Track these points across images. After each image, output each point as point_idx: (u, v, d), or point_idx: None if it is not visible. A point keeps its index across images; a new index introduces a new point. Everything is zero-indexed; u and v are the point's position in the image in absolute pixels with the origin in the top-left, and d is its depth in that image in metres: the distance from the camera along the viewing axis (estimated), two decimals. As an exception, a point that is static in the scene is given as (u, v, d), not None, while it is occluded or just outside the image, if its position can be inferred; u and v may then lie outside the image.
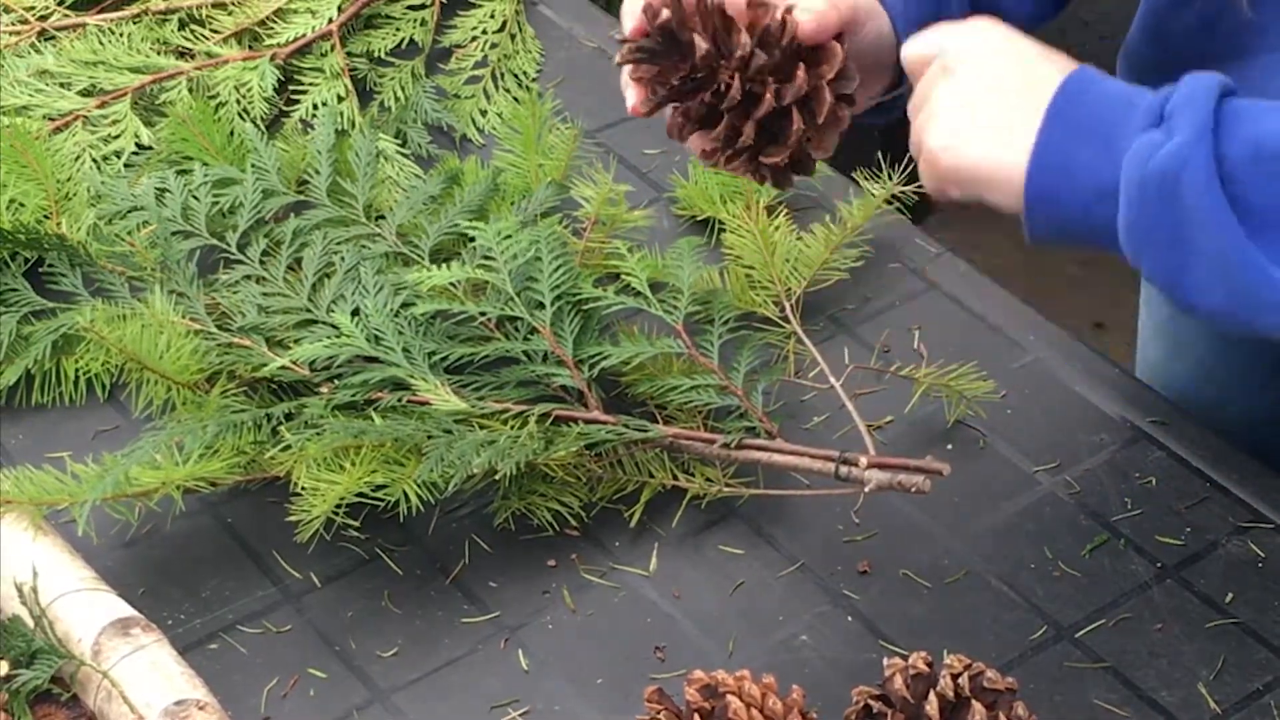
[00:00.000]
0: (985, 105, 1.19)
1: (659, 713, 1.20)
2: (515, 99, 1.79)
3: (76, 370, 1.51)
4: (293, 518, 1.36)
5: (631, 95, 1.30)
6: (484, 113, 1.79)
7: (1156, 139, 1.13)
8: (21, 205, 1.61)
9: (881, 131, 2.18)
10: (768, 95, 1.25)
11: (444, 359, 1.46)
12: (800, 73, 1.25)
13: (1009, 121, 1.18)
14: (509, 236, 1.51)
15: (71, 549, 1.35)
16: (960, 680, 1.19)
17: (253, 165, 1.63)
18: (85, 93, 1.74)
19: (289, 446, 1.39)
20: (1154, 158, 1.12)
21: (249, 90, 1.74)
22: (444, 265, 1.51)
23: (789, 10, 1.25)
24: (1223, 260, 1.11)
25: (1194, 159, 1.10)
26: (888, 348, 1.55)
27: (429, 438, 1.37)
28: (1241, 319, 1.15)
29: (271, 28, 1.81)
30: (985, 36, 1.23)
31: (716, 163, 1.29)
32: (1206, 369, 1.65)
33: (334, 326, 1.47)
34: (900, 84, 1.40)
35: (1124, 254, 1.16)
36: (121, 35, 1.80)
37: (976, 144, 1.19)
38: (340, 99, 1.76)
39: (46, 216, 1.61)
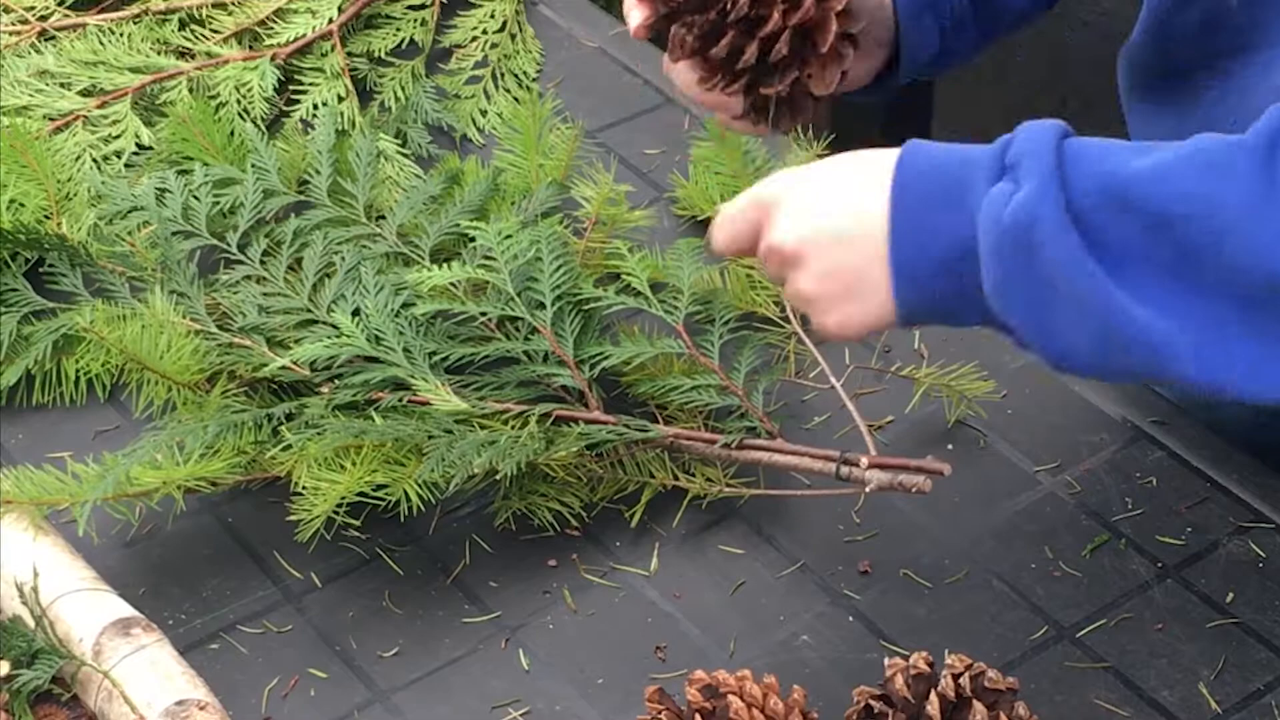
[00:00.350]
0: (841, 272, 1.18)
1: (660, 713, 1.20)
2: (515, 99, 1.80)
3: (77, 370, 1.51)
4: (293, 517, 1.36)
5: (635, 15, 1.29)
6: (484, 113, 1.79)
7: (1005, 191, 1.12)
8: (22, 205, 1.61)
9: (882, 131, 2.20)
10: (774, 14, 1.24)
11: (444, 359, 1.46)
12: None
13: (864, 277, 1.18)
14: (509, 236, 1.51)
15: (72, 549, 1.35)
16: (961, 680, 1.19)
17: (253, 165, 1.63)
18: (85, 93, 1.74)
19: (290, 446, 1.39)
20: (1005, 211, 1.11)
21: (249, 90, 1.74)
22: (444, 265, 1.51)
23: None
24: (1084, 305, 1.11)
25: (1044, 206, 1.10)
26: (888, 348, 1.56)
27: (429, 438, 1.37)
28: (1111, 366, 1.14)
29: (271, 28, 1.81)
30: (800, 199, 1.21)
31: (713, 88, 1.28)
32: None
33: (334, 326, 1.47)
34: (896, 62, 1.40)
35: (994, 315, 1.15)
36: (121, 35, 1.80)
37: (857, 315, 1.20)
38: (340, 99, 1.77)
39: (47, 216, 1.61)
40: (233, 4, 1.84)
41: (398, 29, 1.85)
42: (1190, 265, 1.09)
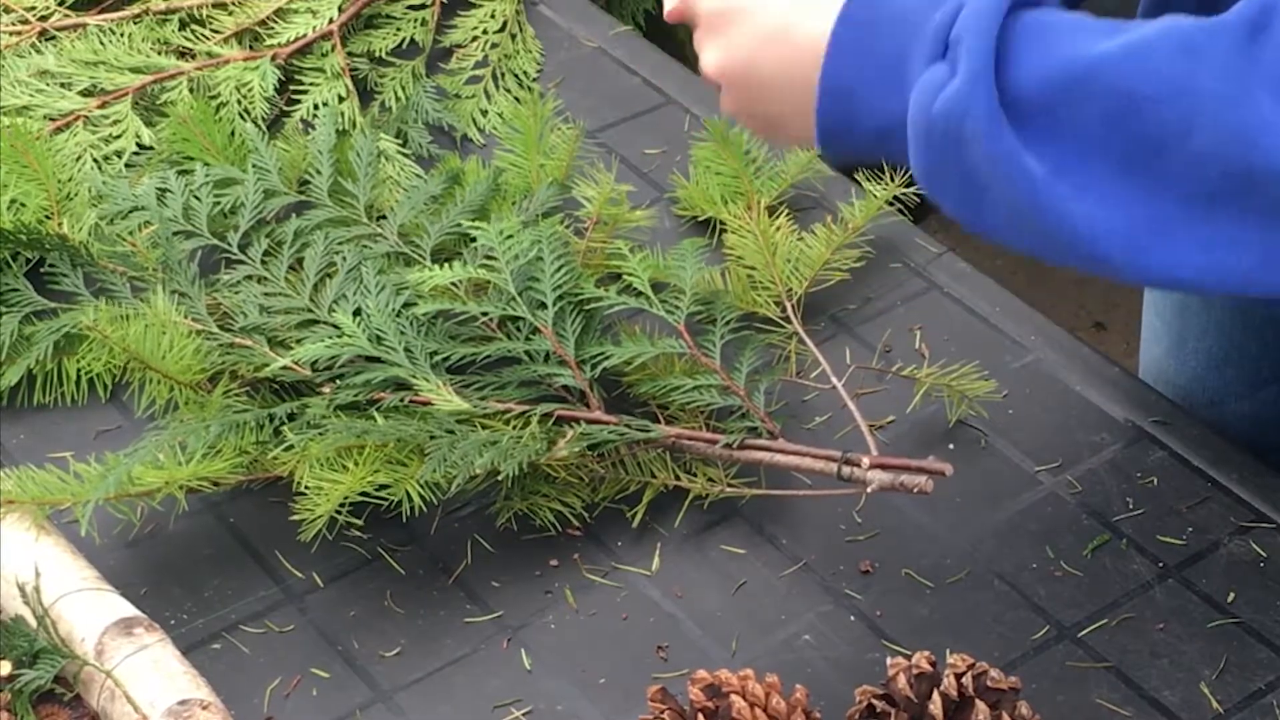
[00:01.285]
0: (763, 112, 1.17)
1: (662, 712, 1.20)
2: (516, 99, 1.80)
3: (78, 370, 1.51)
4: (295, 517, 1.36)
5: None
6: (485, 113, 1.79)
7: (939, 77, 1.06)
8: (23, 205, 1.61)
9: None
10: None
11: (446, 359, 1.46)
12: None
13: (789, 120, 1.15)
14: (510, 236, 1.51)
15: (74, 549, 1.35)
16: (964, 680, 1.19)
17: (254, 165, 1.63)
18: (86, 93, 1.74)
19: (291, 446, 1.39)
20: (936, 100, 1.05)
21: (250, 90, 1.74)
22: (445, 265, 1.51)
23: None
24: (1018, 206, 1.06)
25: (975, 103, 1.03)
26: (889, 348, 1.56)
27: (431, 438, 1.37)
28: (1050, 258, 1.09)
29: (272, 28, 1.81)
30: (732, 22, 1.18)
31: None
32: (1210, 365, 1.65)
33: (335, 326, 1.47)
34: None
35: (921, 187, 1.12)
36: (122, 35, 1.80)
37: (775, 139, 1.22)
38: (341, 99, 1.77)
39: (48, 217, 1.61)
40: (233, 4, 1.84)
41: (398, 29, 1.85)
42: (1148, 156, 1.03)
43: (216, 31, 1.81)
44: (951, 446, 1.47)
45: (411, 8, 1.87)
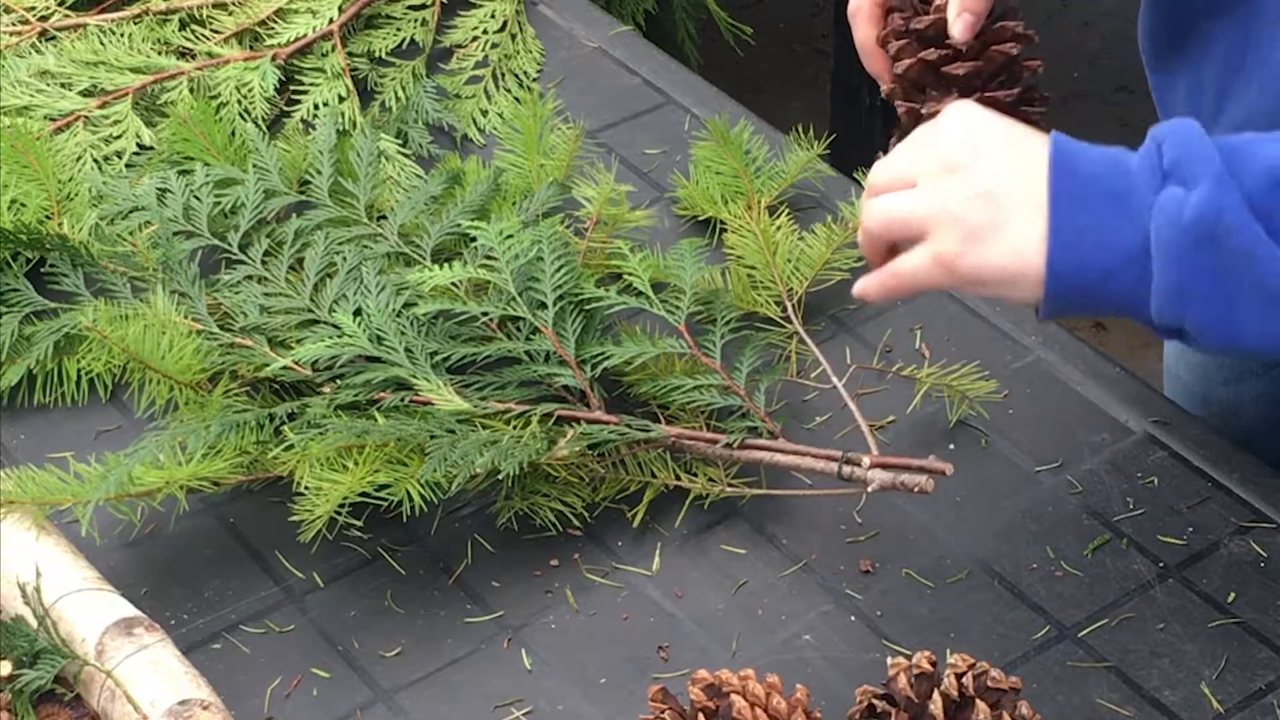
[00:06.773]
0: (991, 201, 1.17)
1: (663, 712, 1.20)
2: (516, 99, 1.80)
3: (78, 370, 1.51)
4: (295, 517, 1.36)
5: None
6: (485, 113, 1.79)
7: (1178, 194, 1.13)
8: (23, 205, 1.61)
9: (882, 131, 2.19)
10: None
11: (446, 359, 1.46)
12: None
13: (1014, 213, 1.17)
14: (511, 236, 1.51)
15: (74, 549, 1.35)
16: (964, 679, 1.19)
17: (254, 165, 1.63)
18: (86, 93, 1.74)
19: (292, 446, 1.39)
20: (1184, 212, 1.12)
21: (250, 90, 1.74)
22: (446, 265, 1.51)
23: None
24: (1269, 289, 1.13)
25: (1227, 202, 1.11)
26: (889, 347, 1.56)
27: (431, 438, 1.37)
28: None
29: (272, 28, 1.81)
30: (969, 121, 1.21)
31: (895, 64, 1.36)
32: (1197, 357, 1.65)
33: (336, 327, 1.47)
34: None
35: (1151, 317, 1.15)
36: (122, 35, 1.80)
37: (993, 247, 1.17)
38: (341, 99, 1.77)
39: (48, 217, 1.61)
40: (233, 4, 1.84)
41: (398, 29, 1.85)
42: None
43: (216, 31, 1.81)
44: (951, 446, 1.48)
45: (411, 8, 1.87)
